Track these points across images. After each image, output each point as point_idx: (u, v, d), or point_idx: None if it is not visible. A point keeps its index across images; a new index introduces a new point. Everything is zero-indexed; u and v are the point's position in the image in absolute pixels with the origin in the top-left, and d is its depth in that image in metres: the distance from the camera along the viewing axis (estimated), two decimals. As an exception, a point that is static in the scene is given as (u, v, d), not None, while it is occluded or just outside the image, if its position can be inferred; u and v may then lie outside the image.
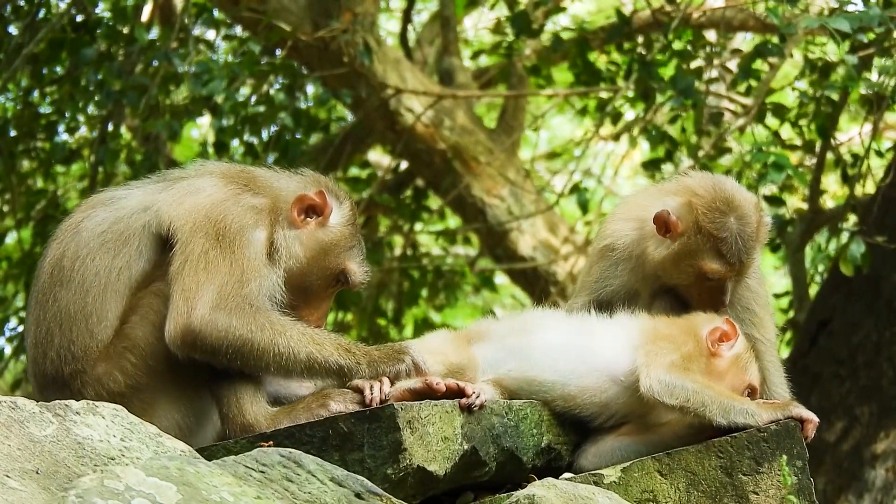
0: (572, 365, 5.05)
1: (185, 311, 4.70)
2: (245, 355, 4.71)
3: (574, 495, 4.33)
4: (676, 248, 5.35)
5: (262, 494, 3.80)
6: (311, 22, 11.00)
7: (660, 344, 5.01)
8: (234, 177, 5.08)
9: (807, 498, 4.80)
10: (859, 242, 8.55)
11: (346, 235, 5.17)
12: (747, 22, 11.61)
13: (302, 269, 5.05)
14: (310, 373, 4.79)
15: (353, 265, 5.17)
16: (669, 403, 4.87)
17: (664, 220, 5.36)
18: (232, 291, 4.74)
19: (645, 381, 4.90)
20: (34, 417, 4.03)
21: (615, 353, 5.06)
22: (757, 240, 5.38)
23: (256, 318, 4.74)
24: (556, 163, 15.21)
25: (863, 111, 10.54)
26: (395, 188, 12.86)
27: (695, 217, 5.33)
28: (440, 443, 4.67)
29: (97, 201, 5.06)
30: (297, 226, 5.08)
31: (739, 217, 5.34)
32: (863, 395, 9.29)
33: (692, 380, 4.89)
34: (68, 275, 4.88)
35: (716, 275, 5.33)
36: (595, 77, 11.11)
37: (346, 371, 4.80)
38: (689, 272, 5.35)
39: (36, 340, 4.92)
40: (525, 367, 5.06)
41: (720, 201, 5.35)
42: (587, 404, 5.04)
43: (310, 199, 5.09)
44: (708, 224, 5.31)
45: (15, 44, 10.19)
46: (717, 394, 4.88)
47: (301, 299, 5.06)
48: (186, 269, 4.76)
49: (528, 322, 5.22)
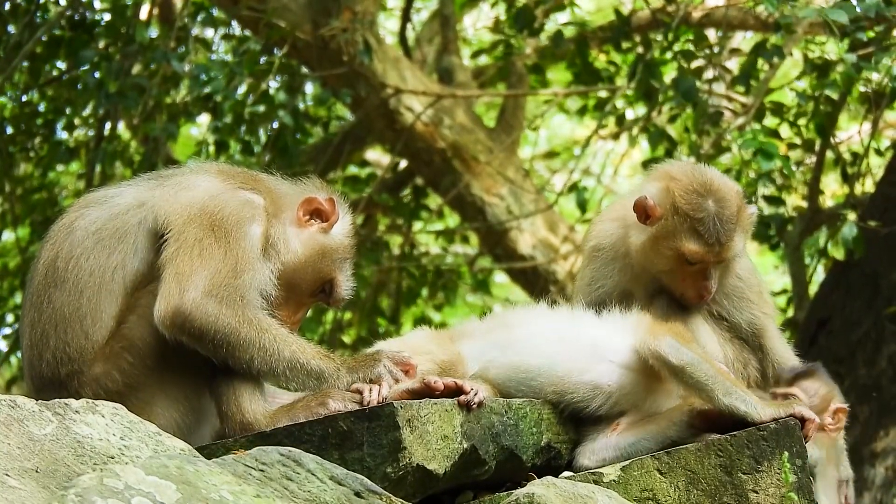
0: (557, 346, 5.06)
1: (176, 293, 4.71)
2: (231, 345, 4.72)
3: (573, 494, 4.33)
4: (655, 231, 5.37)
5: (261, 493, 3.80)
6: (310, 21, 11.00)
7: (661, 324, 5.06)
8: (232, 174, 5.10)
9: (806, 496, 4.80)
10: (851, 226, 8.55)
11: (345, 246, 5.25)
12: (747, 21, 11.61)
13: (296, 266, 5.08)
14: (291, 372, 4.79)
15: (342, 277, 5.24)
16: (674, 363, 4.89)
17: (643, 206, 5.39)
18: (225, 280, 4.76)
19: (652, 342, 4.94)
20: (34, 416, 4.03)
21: (603, 334, 5.08)
22: (737, 223, 5.37)
23: (245, 311, 4.75)
24: (555, 162, 15.21)
25: (862, 110, 10.53)
26: (395, 187, 12.86)
27: (672, 199, 5.35)
28: (440, 441, 4.67)
29: (90, 200, 5.05)
30: (301, 224, 5.14)
31: (718, 200, 5.35)
32: (862, 394, 9.29)
33: (696, 351, 4.94)
34: (62, 276, 4.87)
35: (695, 257, 5.33)
36: (594, 77, 11.11)
37: (325, 376, 4.81)
38: (668, 256, 5.36)
39: (31, 343, 4.91)
40: (509, 353, 5.08)
41: (698, 184, 5.38)
42: (577, 386, 5.03)
43: (318, 203, 5.18)
44: (685, 205, 5.33)
45: (13, 42, 10.19)
46: (721, 373, 4.91)
47: (284, 299, 5.08)
48: (181, 254, 4.78)
49: (512, 318, 5.25)
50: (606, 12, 12.67)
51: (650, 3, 10.33)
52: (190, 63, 10.20)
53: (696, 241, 5.32)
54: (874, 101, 9.47)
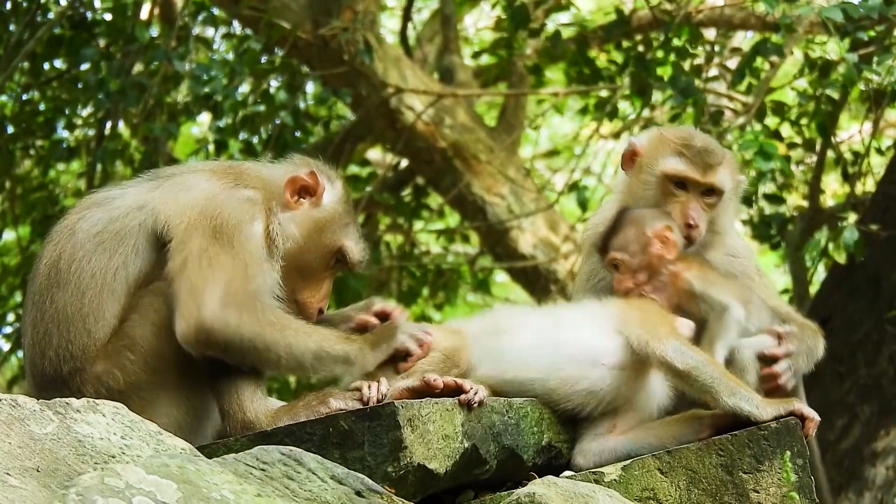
0: (548, 359, 5.02)
1: (195, 310, 4.69)
2: (258, 350, 4.72)
3: (574, 493, 4.33)
4: (641, 163, 5.44)
5: (262, 492, 3.80)
6: (311, 20, 10.99)
7: (651, 318, 5.02)
8: (225, 172, 5.07)
9: (807, 496, 4.80)
10: (852, 230, 8.55)
11: (340, 213, 5.19)
12: (747, 20, 11.61)
13: (299, 249, 5.06)
14: (319, 363, 4.80)
15: (350, 242, 5.19)
16: (681, 368, 4.87)
17: (631, 150, 5.48)
18: (239, 287, 4.74)
19: (657, 347, 4.90)
20: (35, 415, 4.03)
21: (592, 338, 5.03)
22: (724, 160, 5.43)
23: (265, 313, 4.75)
24: (556, 161, 15.21)
25: (863, 109, 10.53)
26: (396, 186, 12.86)
27: (659, 138, 5.47)
28: (441, 441, 4.67)
29: (92, 202, 5.05)
30: (291, 207, 5.09)
31: (704, 138, 5.49)
32: (863, 394, 9.29)
33: (699, 353, 4.93)
34: (65, 277, 4.87)
35: (679, 175, 5.36)
36: (595, 75, 11.11)
37: (351, 358, 4.83)
38: (653, 182, 5.39)
39: (34, 341, 4.91)
40: (501, 369, 5.03)
41: (685, 131, 5.53)
42: (571, 394, 5.01)
43: (302, 180, 5.11)
44: (671, 137, 5.45)
45: (14, 41, 10.18)
46: (724, 374, 4.90)
47: (302, 282, 5.08)
48: (190, 267, 4.74)
49: (499, 322, 5.18)
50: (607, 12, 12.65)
51: (650, 2, 10.32)
52: (191, 62, 10.20)
53: (679, 160, 5.38)
54: (875, 101, 9.46)
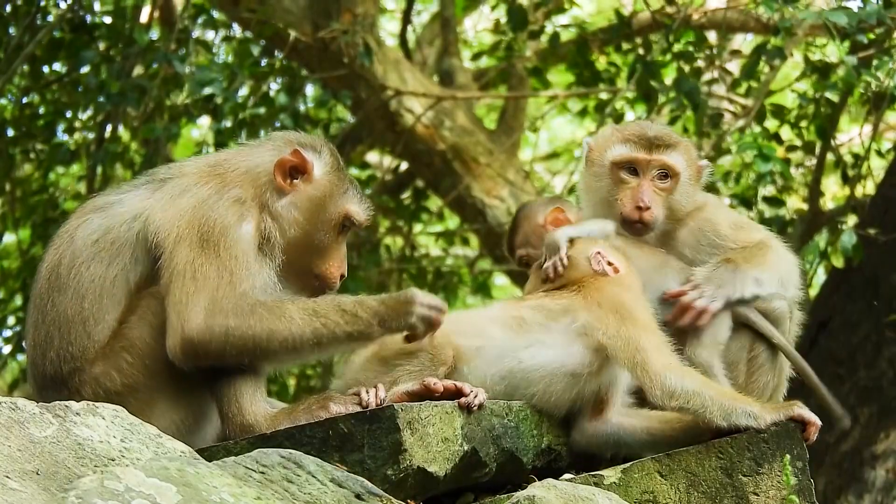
0: (525, 375, 5.00)
1: (178, 326, 4.69)
2: (251, 350, 4.71)
3: (574, 496, 4.32)
4: (592, 157, 5.48)
5: (262, 495, 3.80)
6: (311, 23, 11.00)
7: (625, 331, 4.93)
8: (211, 175, 5.01)
9: (807, 499, 4.80)
10: (850, 233, 8.55)
11: (336, 182, 5.14)
12: (747, 23, 11.61)
13: (306, 231, 5.03)
14: (320, 349, 4.78)
15: (353, 206, 5.17)
16: (671, 406, 4.85)
17: (588, 149, 5.52)
18: (226, 294, 4.73)
19: (652, 391, 4.84)
20: (34, 418, 4.03)
21: (563, 349, 5.00)
22: (676, 142, 5.43)
23: (253, 312, 4.72)
24: (556, 163, 15.21)
25: (863, 111, 10.54)
26: (395, 189, 12.86)
27: (610, 131, 5.54)
28: (440, 444, 4.67)
29: (92, 207, 5.04)
30: (287, 191, 5.04)
31: (656, 128, 5.51)
32: (862, 396, 9.29)
33: (691, 379, 4.86)
34: (65, 281, 4.88)
35: (624, 158, 5.38)
36: (595, 78, 11.11)
37: (356, 337, 4.80)
38: (603, 173, 5.42)
39: (35, 343, 4.92)
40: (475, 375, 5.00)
41: (637, 122, 5.69)
42: (554, 406, 5.03)
43: (289, 162, 5.05)
44: (620, 127, 5.54)
45: (14, 44, 10.19)
46: (718, 394, 4.85)
47: (317, 257, 5.06)
48: (175, 283, 4.74)
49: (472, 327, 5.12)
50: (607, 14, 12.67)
51: (650, 5, 10.33)
52: (191, 65, 10.20)
53: (624, 145, 5.41)
54: (875, 104, 9.47)
